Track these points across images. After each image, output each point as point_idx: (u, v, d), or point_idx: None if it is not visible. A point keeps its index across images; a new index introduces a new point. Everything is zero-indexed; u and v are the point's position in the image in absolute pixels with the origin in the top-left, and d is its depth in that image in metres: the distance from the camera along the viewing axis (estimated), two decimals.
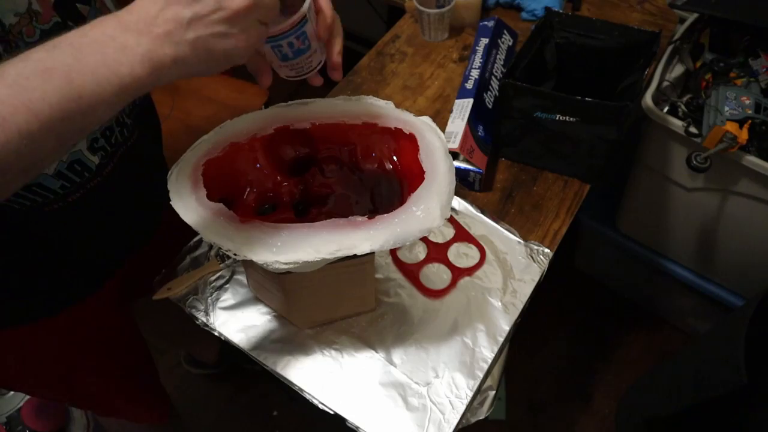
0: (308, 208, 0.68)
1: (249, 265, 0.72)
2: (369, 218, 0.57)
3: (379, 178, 0.68)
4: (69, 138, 0.42)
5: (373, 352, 0.73)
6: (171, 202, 0.58)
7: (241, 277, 0.80)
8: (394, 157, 0.68)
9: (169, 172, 0.61)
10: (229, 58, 0.46)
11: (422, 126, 0.64)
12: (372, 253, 0.64)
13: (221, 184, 0.63)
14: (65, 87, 0.40)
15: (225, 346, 0.77)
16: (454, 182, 0.60)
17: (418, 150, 0.63)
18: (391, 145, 0.67)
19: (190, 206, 0.58)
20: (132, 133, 0.70)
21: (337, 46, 0.58)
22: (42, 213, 0.61)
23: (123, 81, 0.42)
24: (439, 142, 0.63)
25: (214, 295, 0.79)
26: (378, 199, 0.67)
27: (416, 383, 0.71)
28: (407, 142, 0.64)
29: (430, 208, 0.57)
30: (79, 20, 0.57)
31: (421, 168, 0.61)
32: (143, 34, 0.42)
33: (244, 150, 0.65)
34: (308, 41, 0.55)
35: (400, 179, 0.66)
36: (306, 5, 0.52)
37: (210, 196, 0.59)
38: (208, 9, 0.43)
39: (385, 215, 0.57)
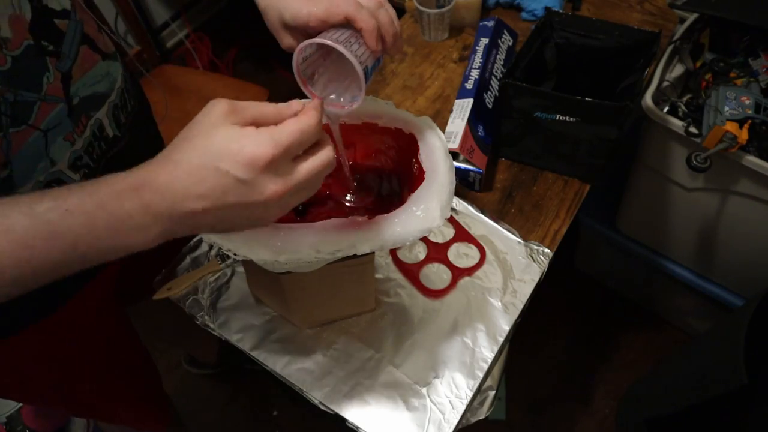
0: (307, 209, 0.67)
1: (249, 265, 0.72)
2: (369, 218, 0.57)
3: (379, 178, 0.68)
4: (61, 276, 0.41)
5: (373, 352, 0.73)
6: None
7: (241, 277, 0.80)
8: (394, 157, 0.68)
9: None
10: (247, 229, 0.45)
11: (422, 126, 0.64)
12: (372, 253, 0.64)
13: None
14: (70, 252, 0.39)
15: (225, 346, 0.77)
16: (455, 182, 0.60)
17: (419, 150, 0.63)
18: (391, 144, 0.67)
19: None
20: (118, 144, 0.68)
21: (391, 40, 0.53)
22: None
23: (130, 250, 0.41)
24: (440, 142, 0.63)
25: (214, 295, 0.79)
26: (378, 199, 0.67)
27: (416, 383, 0.71)
28: (407, 142, 0.64)
29: (430, 208, 0.57)
30: (59, 38, 0.56)
31: (421, 168, 0.61)
32: (163, 217, 0.40)
33: None
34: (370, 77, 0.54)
35: (400, 179, 0.66)
36: (361, 96, 0.53)
37: None
38: (238, 200, 0.41)
39: (385, 215, 0.57)
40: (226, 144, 0.40)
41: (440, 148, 0.62)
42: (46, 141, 0.57)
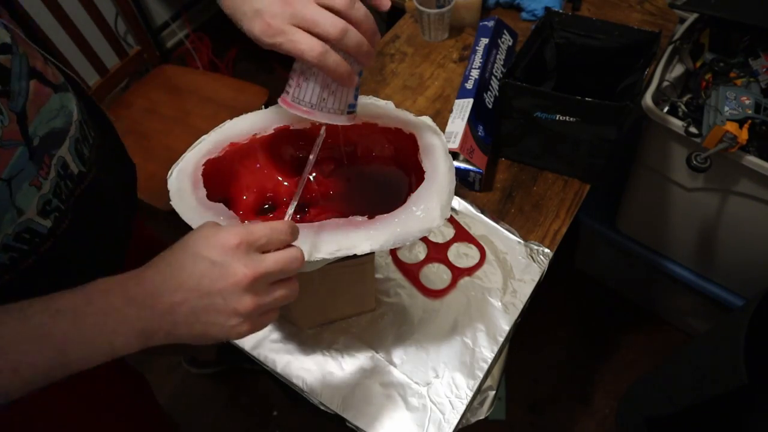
0: (308, 208, 0.68)
1: None
2: (369, 218, 0.57)
3: (379, 178, 0.68)
4: (42, 384, 0.43)
5: (373, 352, 0.73)
6: (171, 202, 0.58)
7: None
8: (395, 157, 0.68)
9: (169, 172, 0.60)
10: (224, 339, 0.47)
11: (422, 126, 0.64)
12: (372, 254, 0.64)
13: (220, 184, 0.63)
14: (57, 357, 0.41)
15: (224, 345, 0.76)
16: (454, 182, 0.60)
17: (419, 150, 0.63)
18: (391, 145, 0.67)
19: (190, 206, 0.57)
20: (84, 180, 0.64)
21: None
22: None
23: (114, 350, 0.43)
24: (439, 141, 0.63)
25: None
26: (378, 199, 0.67)
27: (416, 383, 0.71)
28: (407, 142, 0.64)
29: (430, 208, 0.57)
30: (4, 75, 0.52)
31: (421, 168, 0.61)
32: (145, 308, 0.43)
33: (243, 150, 0.65)
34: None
35: (400, 179, 0.67)
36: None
37: (210, 196, 0.59)
38: (212, 284, 0.44)
39: (385, 215, 0.57)
40: (204, 235, 0.45)
41: (440, 147, 0.62)
42: (10, 191, 0.52)
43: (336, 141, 0.68)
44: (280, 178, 0.68)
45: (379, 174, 0.68)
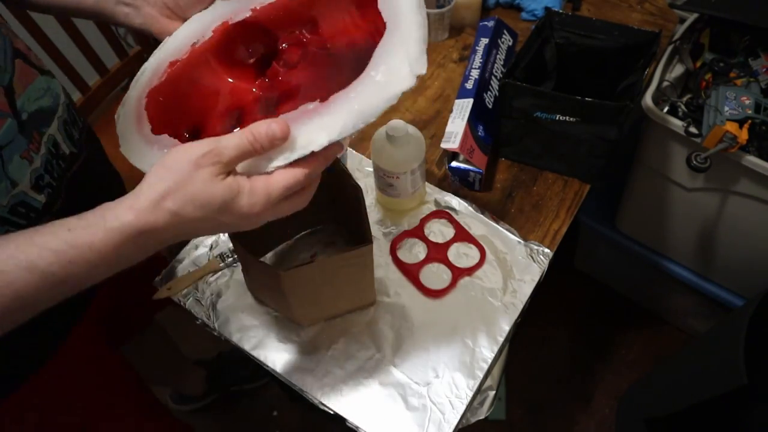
0: (278, 106, 0.56)
1: (247, 266, 0.72)
2: (322, 101, 0.47)
3: (352, 54, 0.56)
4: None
5: (373, 352, 0.73)
6: (120, 149, 0.52)
7: (241, 277, 0.80)
8: (362, 24, 0.56)
9: (116, 115, 0.55)
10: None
11: None
12: (370, 246, 0.64)
13: (178, 113, 0.54)
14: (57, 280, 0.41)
15: (211, 371, 0.75)
16: (426, 27, 0.48)
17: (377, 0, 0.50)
18: (352, 8, 0.55)
19: (137, 148, 0.50)
20: (76, 161, 0.66)
21: None
22: None
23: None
24: None
25: (214, 295, 0.79)
26: (354, 70, 0.53)
27: (416, 383, 0.71)
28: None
29: (394, 66, 0.45)
30: None
31: (382, 21, 0.49)
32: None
33: (187, 66, 0.56)
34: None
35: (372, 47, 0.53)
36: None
37: (175, 131, 0.51)
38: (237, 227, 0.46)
39: (340, 93, 0.46)
40: (225, 202, 0.43)
41: None
42: (2, 160, 0.54)
43: (294, 23, 0.58)
44: (240, 84, 0.58)
45: (350, 50, 0.56)
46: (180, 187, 0.42)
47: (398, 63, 0.46)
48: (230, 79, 0.57)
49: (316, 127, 0.45)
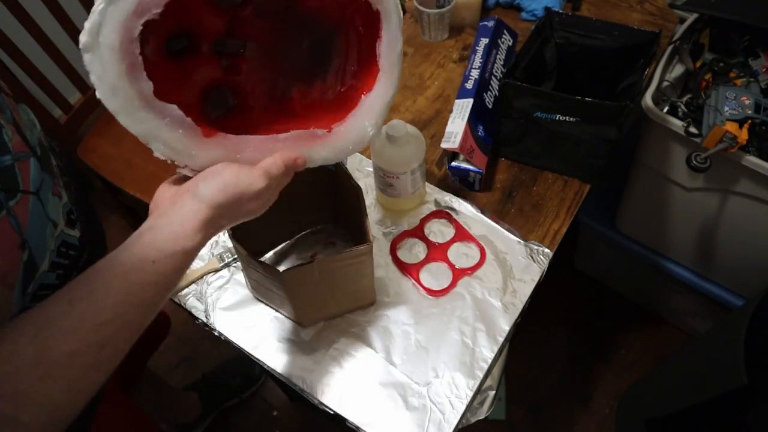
0: (234, 56, 0.55)
1: (248, 266, 0.72)
2: (328, 132, 0.55)
3: (320, 30, 0.58)
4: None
5: (373, 352, 0.73)
6: (100, 97, 0.44)
7: (241, 277, 0.80)
8: (339, 16, 0.57)
9: (82, 43, 0.43)
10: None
11: (392, 8, 0.54)
12: (370, 246, 0.64)
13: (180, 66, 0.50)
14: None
15: (202, 392, 0.73)
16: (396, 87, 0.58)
17: (380, 39, 0.55)
18: (350, 7, 0.56)
19: (135, 115, 0.45)
20: (76, 188, 0.65)
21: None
22: None
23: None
24: (399, 30, 0.56)
25: (214, 295, 0.79)
26: (314, 53, 0.58)
27: (416, 383, 0.71)
28: (370, 17, 0.54)
29: (377, 120, 0.57)
30: None
31: (375, 61, 0.56)
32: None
33: None
34: None
35: (346, 39, 0.58)
36: None
37: (182, 96, 0.49)
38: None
39: (341, 126, 0.56)
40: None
41: (398, 41, 0.56)
42: (42, 203, 0.53)
43: None
44: (207, 8, 0.52)
45: (321, 25, 0.58)
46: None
47: (378, 119, 0.57)
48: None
49: (320, 148, 0.55)
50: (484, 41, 1.00)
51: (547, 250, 0.81)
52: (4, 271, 0.47)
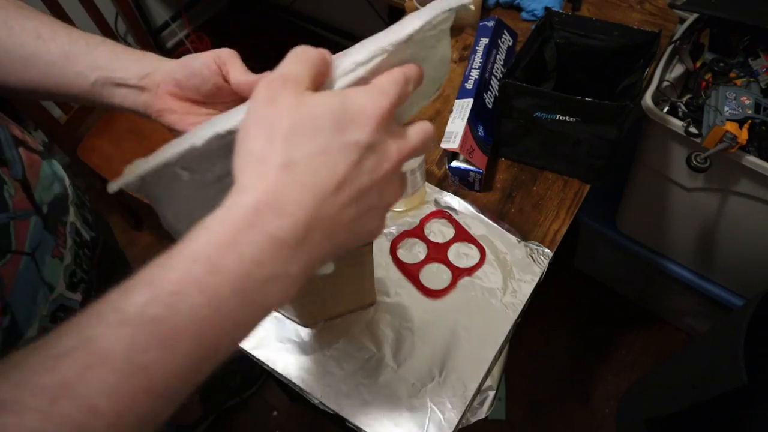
0: None
1: None
2: None
3: None
4: (190, 389, 0.30)
5: (373, 352, 0.73)
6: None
7: None
8: None
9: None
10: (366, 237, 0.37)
11: None
12: (370, 246, 0.64)
13: None
14: (195, 351, 0.28)
15: (203, 391, 0.72)
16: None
17: None
18: None
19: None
20: (97, 246, 0.62)
21: None
22: None
23: (268, 311, 0.32)
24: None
25: None
26: None
27: (416, 383, 0.71)
28: None
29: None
30: None
31: None
32: (301, 246, 0.32)
33: None
34: None
35: None
36: None
37: None
38: (371, 175, 0.33)
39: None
40: (335, 114, 0.31)
41: None
42: (36, 265, 0.49)
43: None
44: None
45: None
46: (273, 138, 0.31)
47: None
48: None
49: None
50: (484, 41, 1.00)
51: (547, 250, 0.81)
52: None
